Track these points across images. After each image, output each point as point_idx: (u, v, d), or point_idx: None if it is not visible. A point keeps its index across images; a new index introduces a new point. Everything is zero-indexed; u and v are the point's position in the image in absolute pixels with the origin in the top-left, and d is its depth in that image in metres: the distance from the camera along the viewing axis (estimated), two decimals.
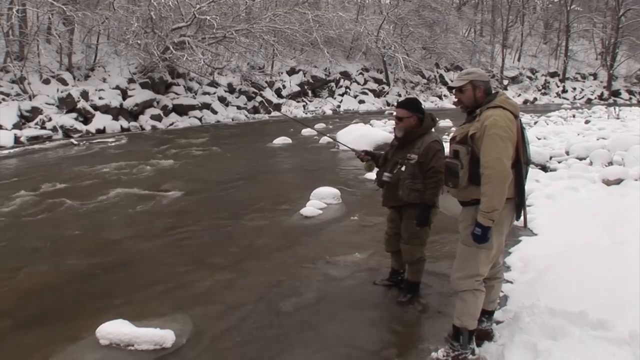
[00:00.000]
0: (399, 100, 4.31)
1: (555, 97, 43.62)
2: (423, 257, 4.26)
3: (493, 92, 3.25)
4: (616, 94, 44.63)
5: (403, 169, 3.98)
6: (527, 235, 5.75)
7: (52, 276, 4.96)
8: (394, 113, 4.13)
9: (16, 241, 6.08)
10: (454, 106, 3.31)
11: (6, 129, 15.24)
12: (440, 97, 36.34)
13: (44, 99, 17.44)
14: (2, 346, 3.64)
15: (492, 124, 2.99)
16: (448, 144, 3.37)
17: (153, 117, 20.08)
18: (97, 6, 21.03)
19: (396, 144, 4.15)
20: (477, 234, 3.05)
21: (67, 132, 16.84)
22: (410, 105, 4.08)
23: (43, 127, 16.45)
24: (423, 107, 4.18)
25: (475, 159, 3.06)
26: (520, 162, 3.12)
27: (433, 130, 4.11)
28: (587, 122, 17.12)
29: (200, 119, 21.95)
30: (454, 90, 3.30)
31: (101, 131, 17.97)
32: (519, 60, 46.44)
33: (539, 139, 12.42)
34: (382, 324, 3.95)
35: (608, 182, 7.83)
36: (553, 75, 46.18)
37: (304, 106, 28.61)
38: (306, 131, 17.82)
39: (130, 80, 20.79)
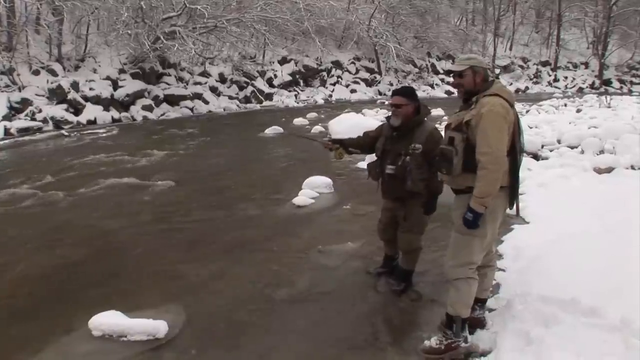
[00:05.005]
0: (395, 88, 4.27)
1: (546, 86, 43.64)
2: (420, 247, 4.25)
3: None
4: (607, 83, 44.70)
5: (408, 159, 3.93)
6: (519, 223, 5.76)
7: (44, 268, 4.92)
8: (391, 101, 4.08)
9: (7, 233, 6.03)
10: (445, 95, 3.28)
11: None
12: (432, 86, 36.28)
13: (33, 90, 17.26)
14: None
15: (488, 112, 2.99)
16: (443, 131, 3.35)
17: (144, 108, 19.94)
18: None
19: (395, 134, 4.06)
20: (469, 219, 3.06)
21: (58, 124, 16.69)
22: (408, 93, 4.06)
23: (33, 119, 16.28)
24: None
25: (470, 146, 3.06)
26: (516, 151, 3.13)
27: (426, 119, 4.09)
28: (578, 110, 17.15)
29: (191, 109, 21.83)
30: (453, 75, 3.28)
31: (92, 122, 17.82)
32: (510, 49, 46.41)
33: (531, 127, 12.42)
34: (376, 312, 3.95)
35: (599, 171, 7.88)
36: (545, 64, 46.22)
37: (295, 96, 28.52)
38: (298, 121, 17.84)
39: (121, 71, 20.61)
